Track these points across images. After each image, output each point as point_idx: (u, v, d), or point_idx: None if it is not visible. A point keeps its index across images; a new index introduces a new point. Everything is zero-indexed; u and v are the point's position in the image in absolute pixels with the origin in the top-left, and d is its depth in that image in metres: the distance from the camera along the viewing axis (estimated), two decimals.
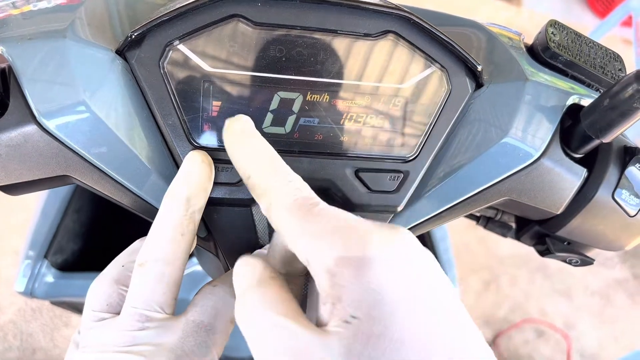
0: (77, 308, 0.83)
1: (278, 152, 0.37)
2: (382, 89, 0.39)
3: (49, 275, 0.72)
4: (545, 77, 0.43)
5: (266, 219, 0.39)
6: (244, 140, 0.33)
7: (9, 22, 0.36)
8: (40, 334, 1.62)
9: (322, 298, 0.25)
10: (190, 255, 0.76)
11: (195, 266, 0.76)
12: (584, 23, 2.84)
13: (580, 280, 2.09)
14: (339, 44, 0.38)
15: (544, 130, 0.40)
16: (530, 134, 0.40)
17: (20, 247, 0.77)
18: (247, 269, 0.30)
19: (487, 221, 0.56)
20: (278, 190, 0.29)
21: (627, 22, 2.22)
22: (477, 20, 0.49)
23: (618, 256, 2.18)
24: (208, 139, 0.36)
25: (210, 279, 0.78)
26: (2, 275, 1.69)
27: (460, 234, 2.03)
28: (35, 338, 1.61)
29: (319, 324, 0.25)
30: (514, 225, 0.54)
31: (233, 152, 0.33)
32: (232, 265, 0.38)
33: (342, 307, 0.24)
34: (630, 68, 0.39)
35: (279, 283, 0.28)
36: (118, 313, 0.33)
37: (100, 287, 0.34)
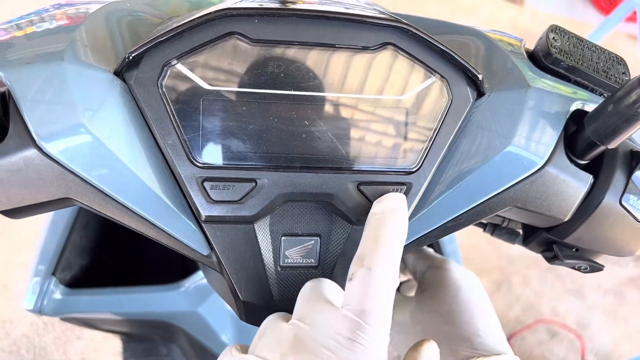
0: (87, 323, 0.83)
1: (279, 168, 0.37)
2: (382, 101, 0.38)
3: (57, 292, 0.72)
4: (548, 83, 0.42)
5: (270, 237, 0.39)
6: None
7: (12, 45, 0.35)
8: (53, 347, 1.63)
9: None
10: (197, 269, 0.76)
11: (203, 279, 0.76)
12: (588, 20, 2.81)
13: (593, 279, 2.07)
14: (338, 58, 0.37)
15: (547, 137, 0.40)
16: (534, 141, 0.39)
17: (30, 263, 0.77)
18: None
19: (494, 228, 0.55)
20: None
21: (632, 18, 2.20)
22: (477, 26, 0.48)
23: None
24: (209, 157, 0.36)
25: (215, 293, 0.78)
26: (14, 289, 1.69)
27: (469, 235, 2.01)
28: (48, 352, 1.62)
29: None
30: (521, 232, 0.53)
31: None
32: (237, 282, 0.38)
33: None
34: (636, 63, 0.38)
35: None
36: None
37: None
